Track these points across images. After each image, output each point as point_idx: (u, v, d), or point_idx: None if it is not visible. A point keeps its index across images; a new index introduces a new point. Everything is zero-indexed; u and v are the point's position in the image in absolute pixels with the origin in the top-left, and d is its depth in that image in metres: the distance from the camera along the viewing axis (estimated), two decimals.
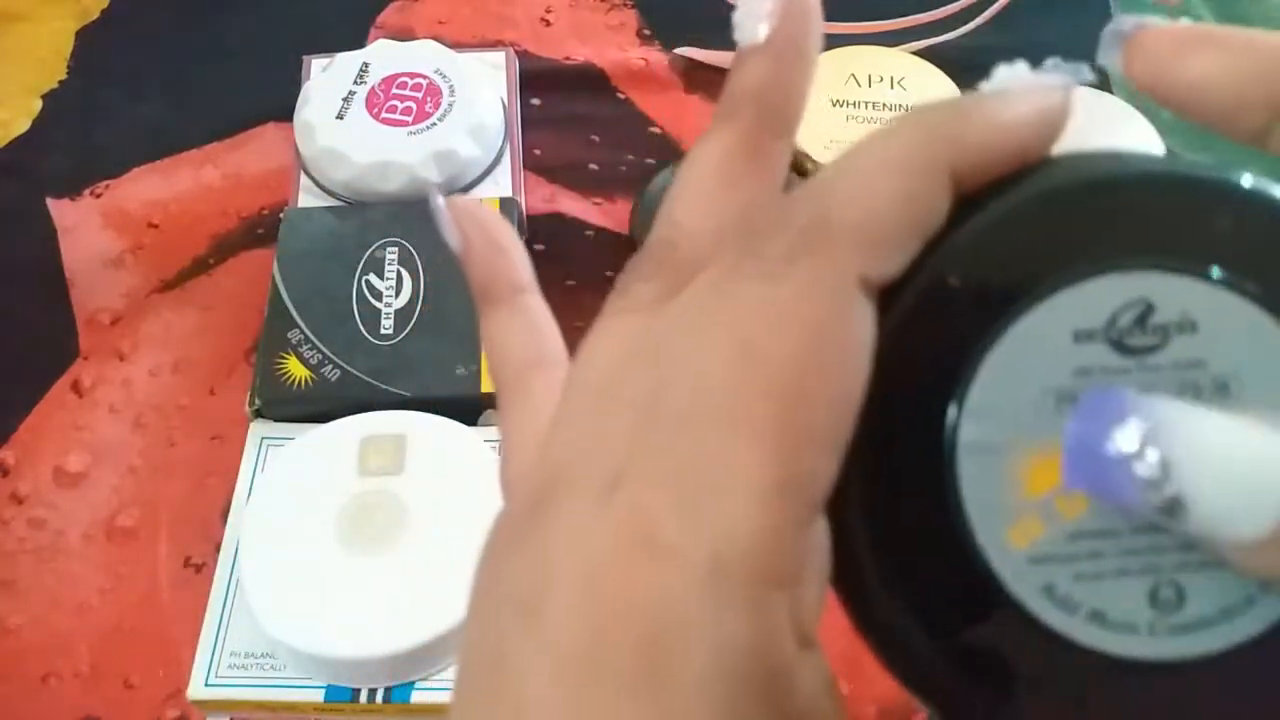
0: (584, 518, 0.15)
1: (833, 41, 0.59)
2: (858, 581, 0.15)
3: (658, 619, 0.14)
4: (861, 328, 0.15)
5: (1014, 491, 0.15)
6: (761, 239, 0.15)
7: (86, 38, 0.66)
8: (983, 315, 0.15)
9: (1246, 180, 0.15)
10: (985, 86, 0.16)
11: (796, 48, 0.18)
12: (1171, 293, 0.15)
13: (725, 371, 0.14)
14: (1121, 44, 0.17)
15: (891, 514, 0.15)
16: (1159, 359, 0.15)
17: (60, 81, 0.63)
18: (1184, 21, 0.17)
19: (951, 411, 0.15)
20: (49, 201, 0.58)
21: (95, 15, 0.67)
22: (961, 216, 0.15)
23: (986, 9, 0.62)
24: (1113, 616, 0.15)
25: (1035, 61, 0.17)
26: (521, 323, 0.22)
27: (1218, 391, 0.15)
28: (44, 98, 0.62)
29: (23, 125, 0.61)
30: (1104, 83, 0.60)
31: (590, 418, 0.16)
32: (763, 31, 0.18)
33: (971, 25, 0.62)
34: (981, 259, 0.15)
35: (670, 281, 0.17)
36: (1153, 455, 0.14)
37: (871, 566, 0.15)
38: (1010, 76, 0.16)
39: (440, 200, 0.22)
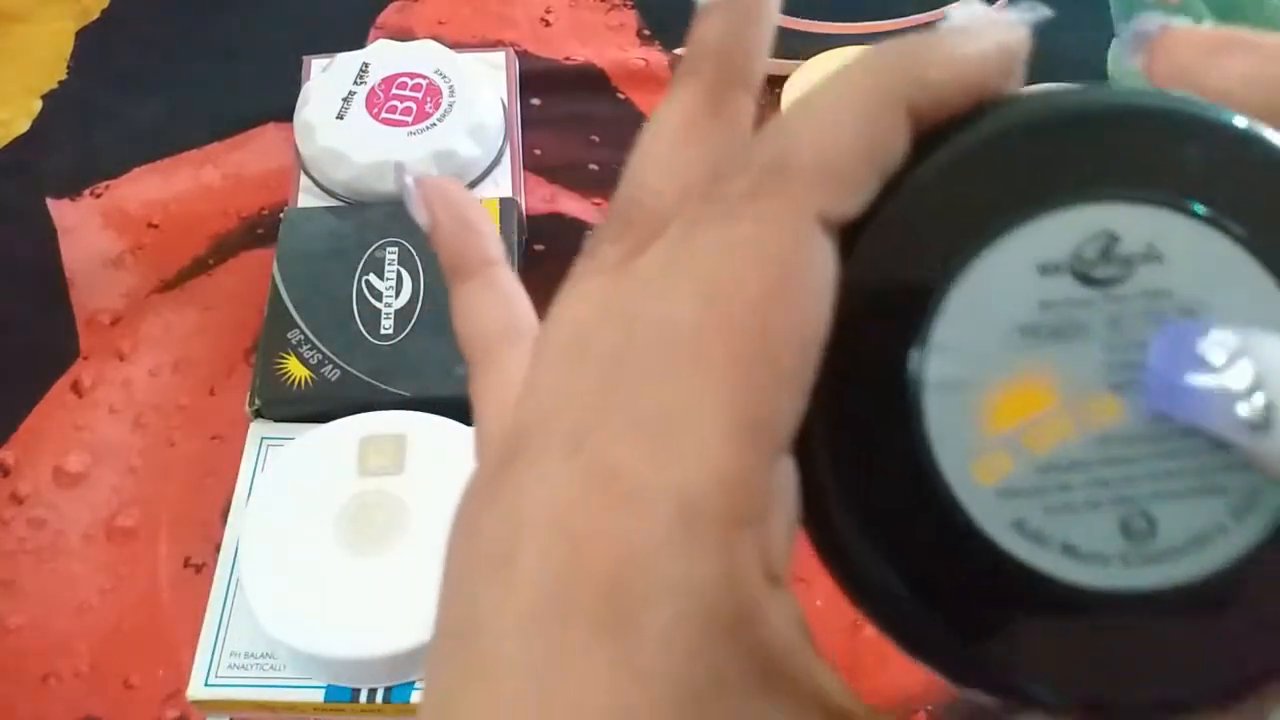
0: (552, 469, 0.15)
1: (833, 42, 0.59)
2: (826, 521, 0.15)
3: (625, 561, 0.14)
4: (823, 264, 0.15)
5: (981, 427, 0.15)
6: (722, 184, 0.15)
7: (86, 38, 0.66)
8: (945, 252, 0.15)
9: (1207, 110, 0.15)
10: (943, 26, 0.16)
11: (756, 2, 0.18)
12: (1136, 224, 0.15)
13: (688, 314, 0.14)
14: (1146, 46, 0.17)
15: (858, 453, 0.15)
16: (1125, 289, 0.15)
17: (60, 81, 0.63)
18: (1181, 20, 0.17)
19: (916, 349, 0.15)
20: (49, 201, 0.58)
21: (95, 15, 0.67)
22: (922, 154, 0.15)
23: None
24: (1085, 548, 0.15)
25: (1036, 66, 0.16)
26: (491, 296, 0.22)
27: (1186, 319, 0.15)
28: (44, 98, 0.62)
29: (23, 125, 0.61)
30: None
31: (559, 377, 0.16)
32: None
33: None
34: (943, 195, 0.15)
35: (637, 240, 0.17)
36: (1245, 366, 0.14)
37: (839, 506, 0.15)
38: (967, 14, 0.16)
39: (409, 179, 0.23)
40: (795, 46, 0.61)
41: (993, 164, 0.15)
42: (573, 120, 0.61)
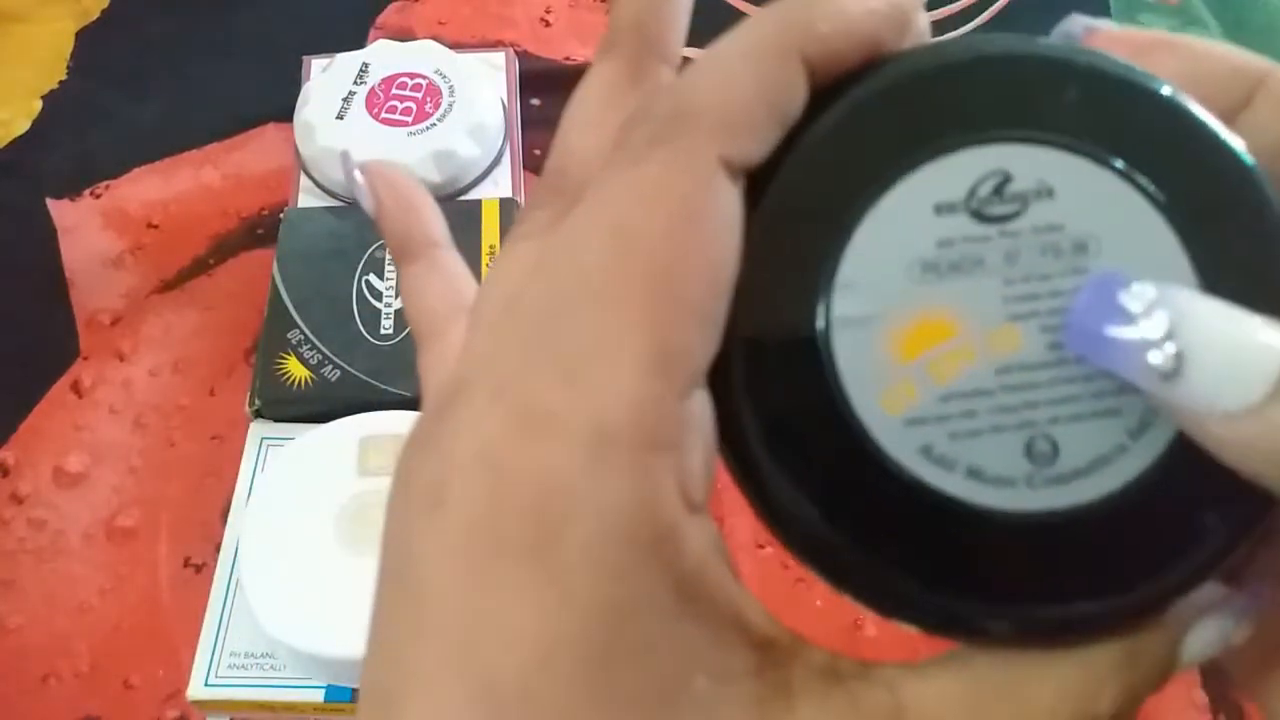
0: (479, 412, 0.15)
1: None
2: (742, 452, 0.16)
3: (547, 487, 0.14)
4: (727, 205, 0.15)
5: (887, 360, 0.16)
6: (628, 132, 0.16)
7: (86, 38, 0.66)
8: (847, 195, 0.16)
9: (1087, 55, 0.16)
10: None
11: None
12: (1027, 162, 0.16)
13: (599, 254, 0.15)
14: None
15: (772, 389, 0.16)
16: (1019, 225, 0.16)
17: (60, 82, 0.63)
18: (1106, 22, 0.17)
19: (823, 287, 0.16)
20: (49, 201, 0.58)
21: (95, 15, 0.67)
22: (822, 104, 0.16)
23: (986, 9, 0.62)
24: (990, 472, 0.15)
25: None
26: (436, 276, 0.23)
27: (1077, 251, 0.16)
28: (44, 98, 0.62)
29: (23, 125, 0.61)
30: None
31: (490, 335, 0.16)
32: None
33: (971, 25, 0.62)
34: (842, 142, 0.16)
35: (564, 204, 0.18)
36: (1161, 317, 0.14)
37: (756, 439, 0.16)
38: None
39: (358, 174, 0.23)
40: None
41: (888, 111, 0.16)
42: None
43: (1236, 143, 0.16)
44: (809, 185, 0.16)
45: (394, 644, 0.15)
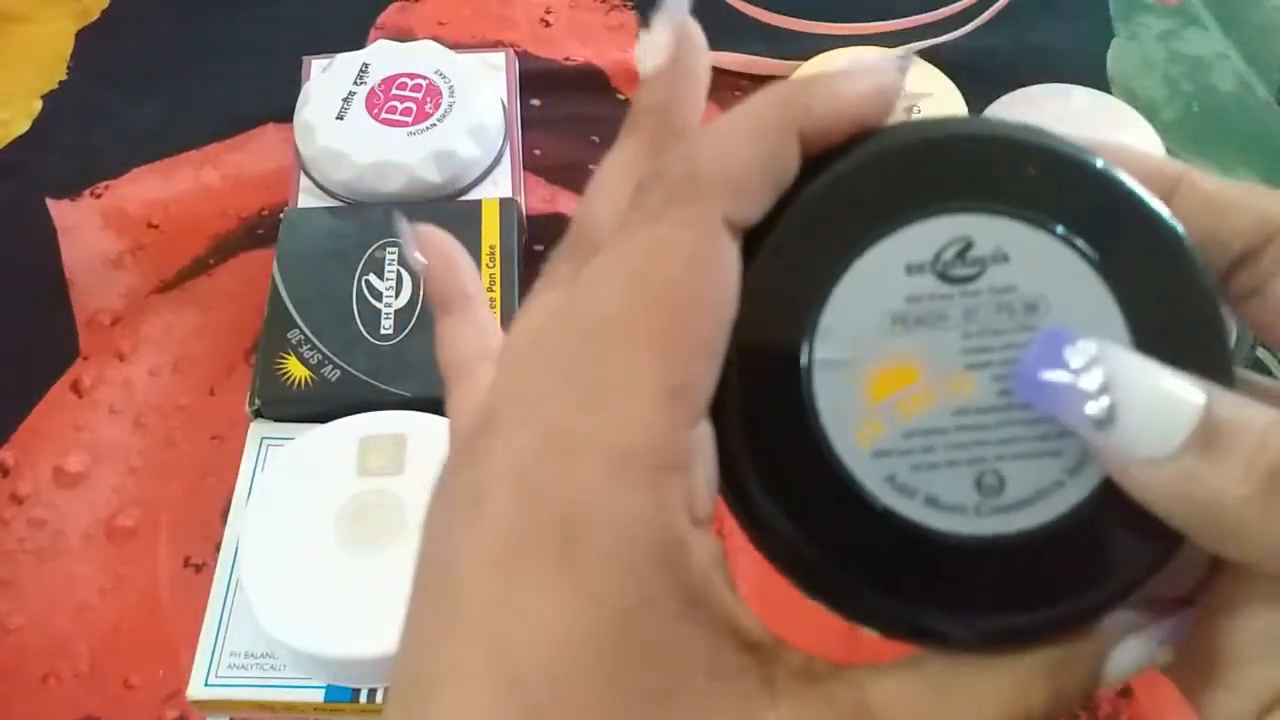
0: (513, 435, 0.18)
1: (834, 42, 0.59)
2: (737, 480, 0.18)
3: (573, 502, 0.16)
4: (729, 259, 0.17)
5: (860, 399, 0.18)
6: (643, 194, 0.18)
7: (86, 38, 0.66)
8: (830, 254, 0.18)
9: (1045, 137, 0.18)
10: (831, 68, 0.19)
11: (689, 74, 0.22)
12: (987, 230, 0.18)
13: (619, 298, 0.17)
14: None
15: (762, 421, 0.18)
16: (978, 286, 0.18)
17: (60, 82, 0.63)
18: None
19: (807, 334, 0.18)
20: (49, 201, 0.58)
21: (95, 16, 0.67)
22: (812, 172, 0.18)
23: (986, 9, 0.62)
24: (945, 500, 0.18)
25: (1037, 66, 0.18)
26: (468, 327, 0.26)
27: (1028, 310, 0.18)
28: (44, 98, 0.62)
29: (23, 125, 0.61)
30: (1104, 85, 0.60)
31: (518, 370, 0.19)
32: (661, 61, 0.22)
33: (971, 26, 0.62)
34: (828, 207, 0.18)
35: (585, 258, 0.19)
36: (1098, 372, 0.16)
37: (747, 466, 0.18)
38: (851, 59, 0.19)
39: (406, 230, 0.26)
40: (795, 47, 0.61)
41: (869, 181, 0.18)
42: (573, 120, 0.61)
43: (1168, 213, 0.18)
44: (798, 244, 0.18)
45: (428, 638, 0.18)
